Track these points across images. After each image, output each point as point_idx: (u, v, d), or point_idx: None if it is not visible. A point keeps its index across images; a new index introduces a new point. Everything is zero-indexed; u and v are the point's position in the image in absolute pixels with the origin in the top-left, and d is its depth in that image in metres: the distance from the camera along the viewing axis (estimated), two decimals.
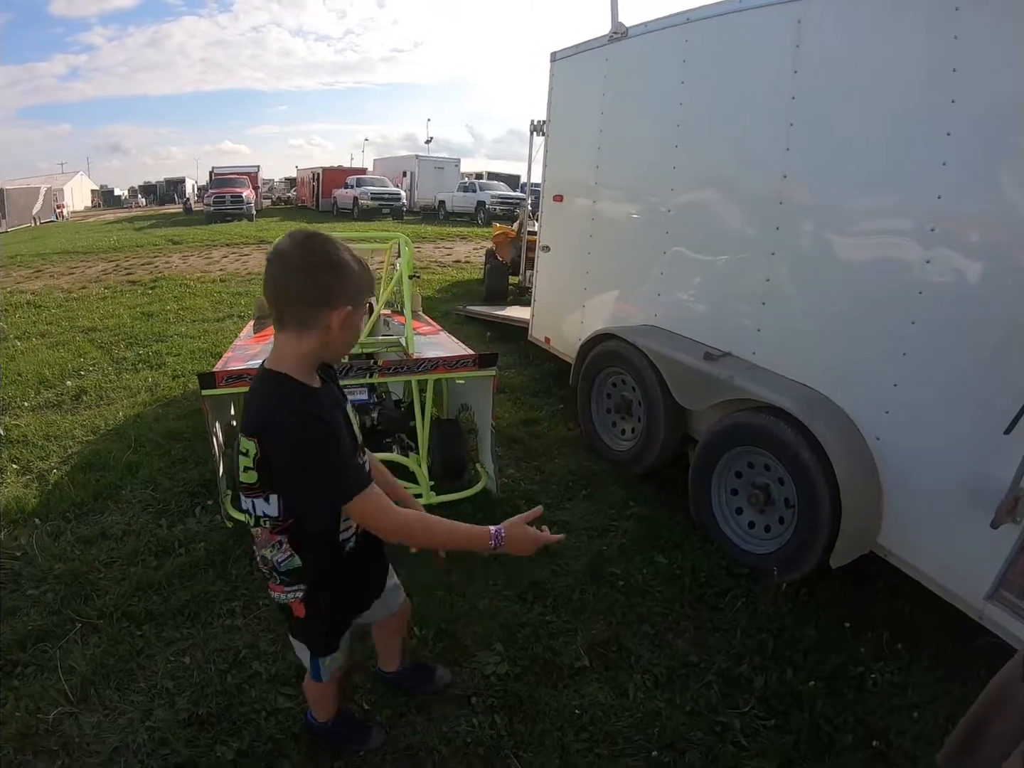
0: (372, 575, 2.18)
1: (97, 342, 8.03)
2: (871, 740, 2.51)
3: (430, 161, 35.57)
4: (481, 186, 29.34)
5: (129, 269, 14.25)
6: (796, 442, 3.27)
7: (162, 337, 8.18)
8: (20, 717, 2.52)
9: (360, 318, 1.81)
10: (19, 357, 7.41)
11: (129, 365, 7.10)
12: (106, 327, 8.73)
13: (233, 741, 2.43)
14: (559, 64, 5.76)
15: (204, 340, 8.03)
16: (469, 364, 3.81)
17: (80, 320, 9.18)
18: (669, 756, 2.41)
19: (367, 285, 1.77)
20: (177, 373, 6.79)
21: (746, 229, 3.93)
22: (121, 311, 9.70)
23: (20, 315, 9.65)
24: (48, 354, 7.47)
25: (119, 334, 8.35)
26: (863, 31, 3.25)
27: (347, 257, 1.69)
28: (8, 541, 3.66)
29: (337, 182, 33.07)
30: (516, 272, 10.35)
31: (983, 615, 2.78)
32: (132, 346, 7.82)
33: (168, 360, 7.22)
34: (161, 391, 6.26)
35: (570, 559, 3.53)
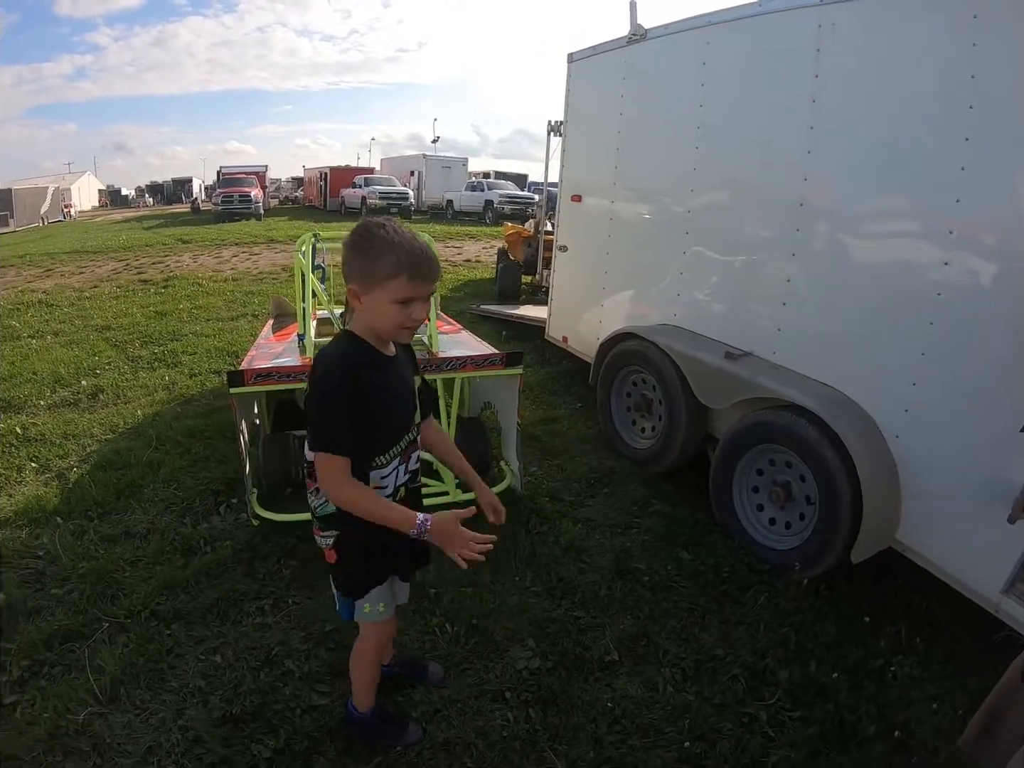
0: (400, 545, 2.16)
1: (111, 341, 8.04)
2: (892, 731, 2.55)
3: (438, 160, 35.62)
4: (489, 185, 29.32)
5: (140, 268, 14.29)
6: (819, 440, 3.32)
7: (177, 336, 8.18)
8: (49, 718, 2.50)
9: (384, 302, 1.83)
10: (33, 355, 7.41)
11: (145, 364, 7.10)
12: (120, 326, 8.75)
13: (269, 739, 2.42)
14: (576, 65, 5.79)
15: (219, 339, 8.04)
16: (496, 363, 3.83)
17: (94, 319, 9.20)
18: (700, 747, 2.45)
19: (389, 270, 1.80)
20: (194, 372, 6.79)
21: (767, 230, 3.98)
22: (134, 310, 9.73)
23: (32, 314, 9.68)
24: (63, 352, 7.48)
25: (134, 333, 8.36)
26: (883, 37, 3.30)
27: (376, 242, 1.81)
28: (30, 540, 3.65)
29: (345, 181, 33.14)
30: (528, 271, 10.43)
31: (999, 609, 2.83)
32: (147, 345, 7.83)
33: (184, 359, 7.23)
34: (179, 390, 6.26)
35: (595, 555, 3.57)
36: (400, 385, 2.07)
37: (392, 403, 2.02)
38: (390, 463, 2.05)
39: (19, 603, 3.10)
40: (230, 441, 4.85)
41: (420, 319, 1.90)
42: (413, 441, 2.14)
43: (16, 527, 3.78)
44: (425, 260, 1.84)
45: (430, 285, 1.88)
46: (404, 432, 2.08)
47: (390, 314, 1.85)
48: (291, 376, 3.56)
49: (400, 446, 2.07)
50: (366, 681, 2.43)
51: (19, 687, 2.65)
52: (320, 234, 4.75)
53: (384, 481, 2.05)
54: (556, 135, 6.67)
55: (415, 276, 1.81)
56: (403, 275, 1.80)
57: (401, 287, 1.81)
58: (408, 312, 1.85)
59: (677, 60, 4.66)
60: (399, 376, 2.06)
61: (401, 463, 2.10)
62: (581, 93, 5.88)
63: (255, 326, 8.55)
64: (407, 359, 2.16)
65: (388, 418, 2.02)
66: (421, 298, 1.87)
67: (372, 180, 31.57)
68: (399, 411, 2.07)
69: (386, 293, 1.82)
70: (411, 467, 2.17)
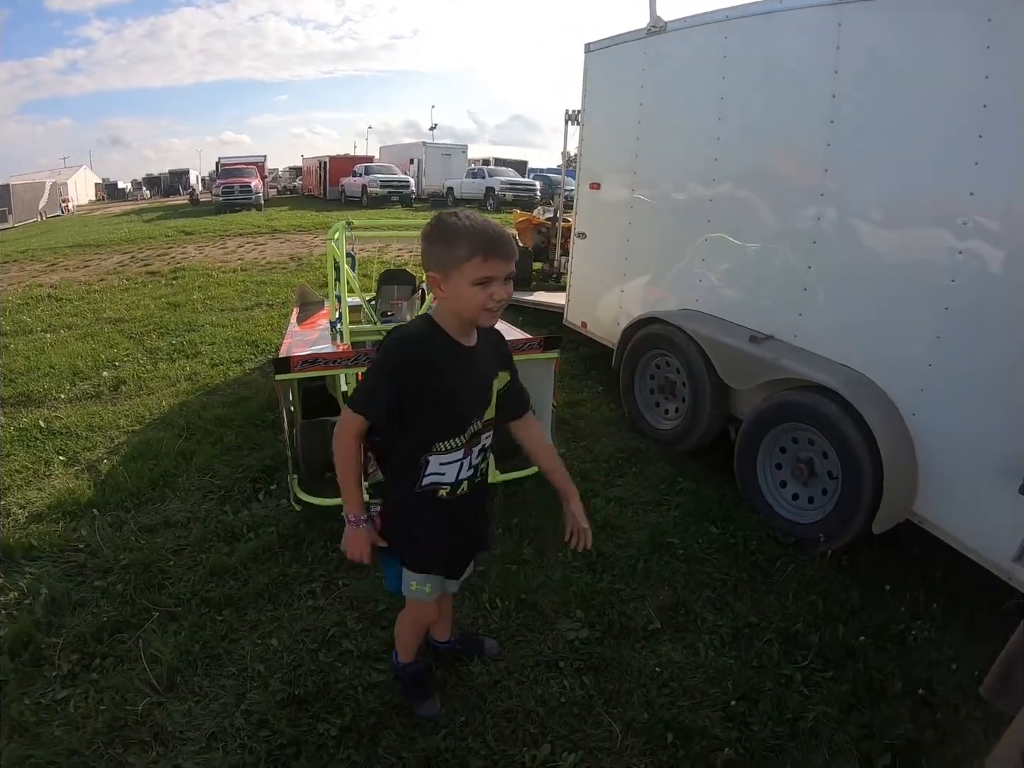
0: (460, 537, 2.29)
1: (127, 333, 8.03)
2: (916, 689, 2.72)
3: (437, 148, 35.45)
4: (490, 172, 29.28)
5: (146, 260, 14.26)
6: (841, 418, 3.47)
7: (193, 327, 8.17)
8: (106, 710, 2.51)
9: (464, 284, 1.90)
10: (49, 349, 7.39)
11: (164, 355, 7.09)
12: (134, 318, 8.74)
13: (335, 718, 2.47)
14: (594, 55, 5.86)
15: (236, 329, 8.04)
16: (534, 347, 3.91)
17: (106, 311, 9.20)
18: (744, 706, 2.59)
19: (464, 252, 1.86)
20: (215, 361, 6.80)
21: (788, 219, 4.09)
22: (147, 302, 9.72)
23: (43, 308, 9.66)
24: (78, 346, 7.46)
25: (148, 324, 8.36)
26: (900, 36, 3.44)
27: (450, 228, 1.90)
28: (67, 533, 3.67)
29: (344, 170, 33.09)
30: (538, 258, 10.51)
31: (1011, 576, 2.98)
32: (164, 336, 7.83)
33: (203, 349, 7.23)
34: (202, 380, 6.27)
35: (630, 531, 3.70)
36: (472, 376, 2.11)
37: (459, 392, 2.07)
38: (452, 451, 2.11)
39: (63, 597, 3.13)
40: (260, 429, 4.95)
41: (502, 299, 1.94)
42: (477, 434, 2.17)
43: (51, 521, 3.81)
44: (499, 239, 1.90)
45: (507, 264, 1.92)
46: (468, 424, 2.12)
47: (471, 296, 1.91)
48: (336, 362, 3.67)
49: (463, 437, 2.11)
50: (405, 640, 2.55)
51: (70, 681, 2.68)
52: (353, 222, 4.81)
53: (444, 468, 2.12)
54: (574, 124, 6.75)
55: (489, 255, 1.87)
56: (478, 255, 1.86)
57: (477, 267, 1.87)
58: (489, 292, 1.90)
59: (697, 53, 4.76)
60: (473, 367, 2.10)
61: (465, 456, 2.15)
62: (599, 83, 5.94)
63: (271, 315, 8.66)
64: (492, 353, 2.20)
65: (452, 406, 2.07)
66: (499, 278, 1.91)
67: (372, 168, 31.48)
68: (465, 401, 2.11)
69: (464, 275, 1.88)
70: (475, 461, 2.20)
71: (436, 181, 32.45)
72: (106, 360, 6.92)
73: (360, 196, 29.63)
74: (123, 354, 7.17)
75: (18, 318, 9.00)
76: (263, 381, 6.15)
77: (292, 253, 14.63)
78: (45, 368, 6.64)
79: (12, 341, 7.90)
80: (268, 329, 7.97)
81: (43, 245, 18.62)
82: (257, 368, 6.66)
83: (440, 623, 2.71)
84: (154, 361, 6.90)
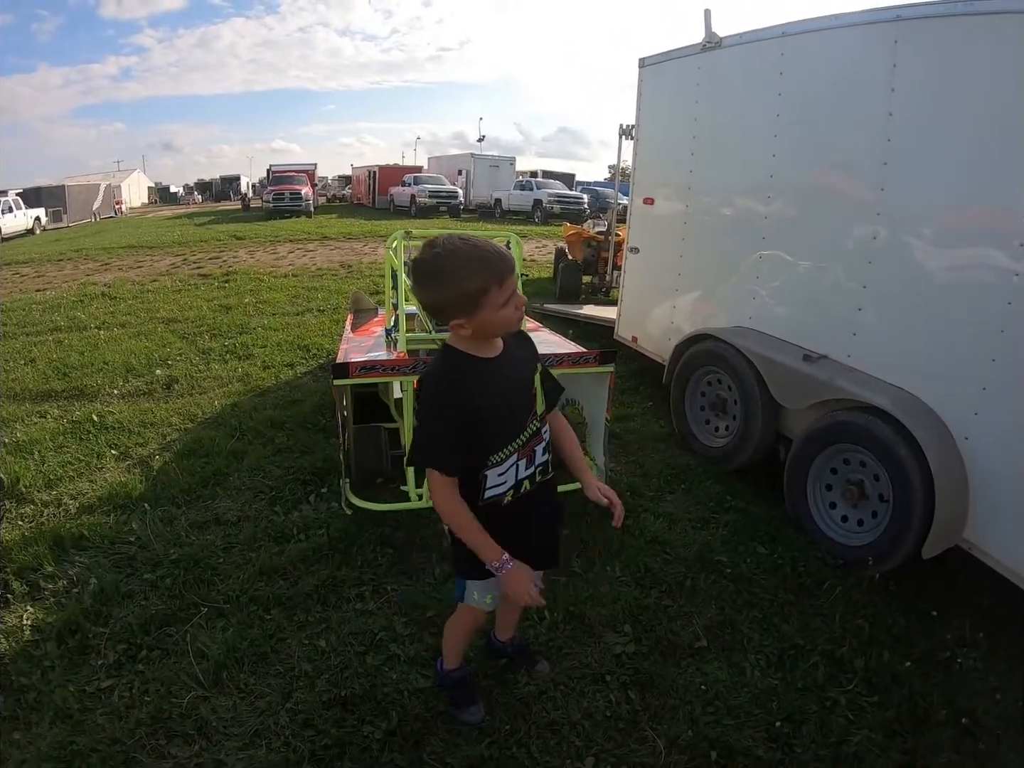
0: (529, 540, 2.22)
1: (179, 333, 8.17)
2: (960, 718, 2.68)
3: (485, 160, 35.77)
4: (538, 184, 29.41)
5: (198, 263, 14.57)
6: (894, 441, 3.43)
7: (245, 329, 8.29)
8: (150, 702, 2.54)
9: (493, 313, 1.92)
10: (103, 346, 7.56)
11: (216, 356, 7.20)
12: (186, 319, 8.89)
13: (380, 721, 2.48)
14: (648, 70, 5.88)
15: (287, 332, 8.12)
16: (591, 361, 3.89)
17: (159, 311, 9.38)
18: (788, 728, 2.57)
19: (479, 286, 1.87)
20: (267, 364, 6.87)
21: (844, 238, 4.06)
22: (200, 303, 9.89)
23: (97, 306, 9.88)
24: (132, 344, 7.62)
25: (201, 326, 8.50)
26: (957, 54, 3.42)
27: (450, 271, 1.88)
28: (119, 526, 3.73)
29: (393, 180, 33.49)
30: (587, 271, 10.54)
31: None
32: (216, 337, 7.95)
33: (255, 351, 7.32)
34: (253, 381, 6.33)
35: (678, 548, 3.68)
36: (511, 381, 2.11)
37: (501, 404, 2.06)
38: (506, 459, 2.09)
39: (112, 588, 3.18)
40: (312, 432, 5.00)
41: (523, 301, 2.01)
42: (536, 434, 2.15)
43: (102, 512, 3.88)
44: (498, 258, 1.90)
45: (513, 273, 1.94)
46: (520, 428, 2.10)
47: (504, 316, 1.95)
48: (394, 369, 3.70)
49: (519, 442, 2.10)
50: (452, 646, 2.56)
51: (115, 671, 2.72)
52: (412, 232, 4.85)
53: (502, 478, 2.11)
54: (628, 138, 6.76)
55: (504, 278, 1.89)
56: (494, 285, 1.88)
57: (497, 295, 1.89)
58: (514, 304, 1.95)
59: (753, 69, 4.76)
60: (509, 372, 2.10)
61: (520, 458, 2.12)
62: (653, 97, 5.95)
63: (321, 321, 8.76)
64: (522, 350, 2.19)
65: (499, 421, 2.06)
66: (515, 287, 1.96)
67: (421, 179, 31.76)
68: (511, 409, 2.10)
69: (490, 307, 1.90)
70: (537, 460, 2.18)
71: (484, 192, 32.67)
72: (159, 358, 7.05)
73: (409, 206, 29.93)
74: (176, 353, 7.30)
75: (73, 314, 9.25)
76: (314, 385, 6.22)
77: (342, 260, 14.84)
78: (99, 364, 6.80)
79: (67, 336, 8.12)
80: (319, 334, 8.05)
81: (97, 245, 19.10)
82: (308, 372, 6.73)
83: (507, 620, 2.75)
84: (206, 361, 7.01)
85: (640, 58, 5.95)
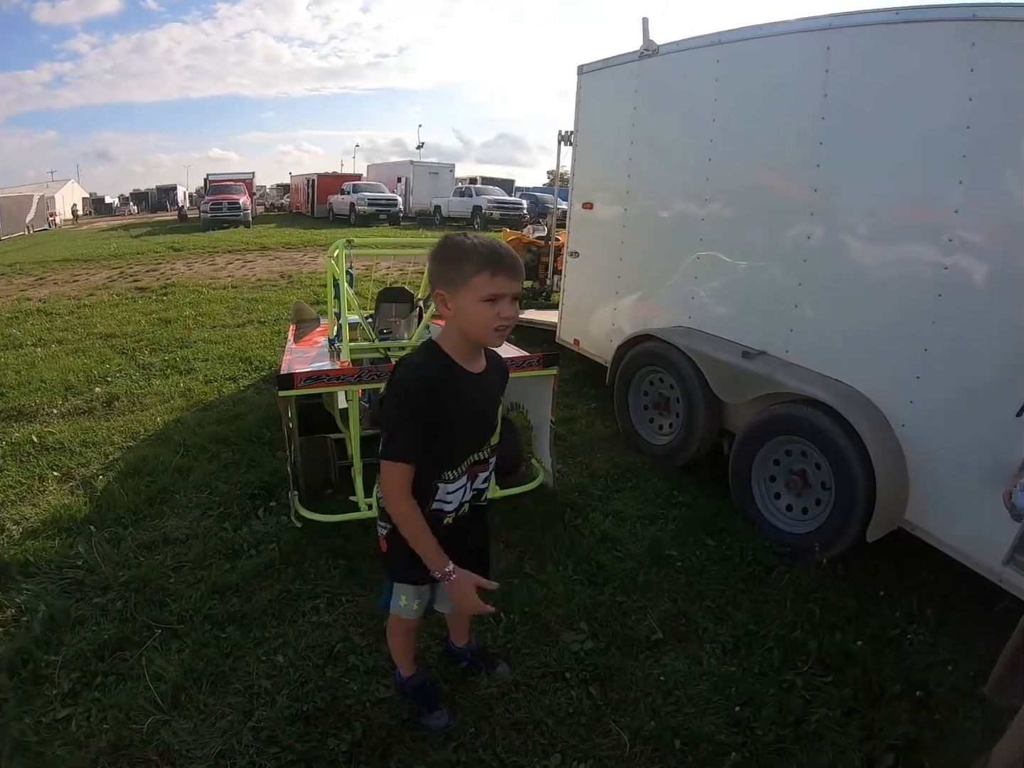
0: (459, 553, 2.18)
1: (118, 348, 7.96)
2: (914, 691, 2.79)
3: (425, 167, 35.67)
4: (477, 191, 29.54)
5: (135, 276, 14.21)
6: (834, 431, 3.57)
7: (185, 343, 8.13)
8: (109, 729, 2.47)
9: (472, 301, 1.90)
10: (40, 364, 7.31)
11: (157, 371, 7.02)
12: (125, 333, 8.67)
13: (344, 733, 2.47)
14: (587, 77, 5.95)
15: (229, 345, 7.98)
16: (534, 364, 3.93)
17: (97, 327, 9.13)
18: (748, 712, 2.65)
19: (472, 268, 1.88)
20: (209, 378, 6.74)
21: (779, 238, 4.19)
22: (138, 317, 9.65)
23: (33, 322, 9.58)
24: (70, 361, 7.40)
25: (140, 340, 8.30)
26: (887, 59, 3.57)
27: (457, 247, 1.92)
28: (64, 549, 3.63)
29: (332, 188, 33.23)
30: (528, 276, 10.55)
31: (1001, 579, 3.10)
32: (156, 352, 7.76)
33: (197, 365, 7.17)
34: (196, 396, 6.20)
35: (629, 544, 3.75)
36: (481, 402, 2.13)
37: (468, 420, 2.08)
38: (458, 479, 2.13)
39: (62, 614, 3.09)
40: (257, 446, 4.94)
41: (509, 317, 1.93)
42: (484, 461, 2.21)
43: (47, 537, 3.77)
44: (508, 257, 1.90)
45: (514, 282, 1.92)
46: (475, 450, 2.15)
47: (479, 314, 1.90)
48: (339, 379, 3.67)
49: (468, 463, 2.14)
50: (398, 653, 2.60)
51: (71, 700, 2.64)
52: (354, 240, 4.83)
53: (450, 497, 2.14)
54: (566, 144, 6.82)
55: (498, 271, 1.87)
56: (485, 271, 1.87)
57: (485, 283, 1.87)
58: (496, 310, 1.89)
59: (690, 75, 4.86)
60: (482, 393, 2.11)
61: (468, 480, 2.18)
62: (592, 104, 6.02)
63: (263, 333, 8.64)
64: (498, 377, 2.23)
65: (461, 435, 2.09)
66: (507, 295, 1.91)
67: (360, 187, 31.66)
68: (474, 428, 2.14)
69: (472, 292, 1.89)
70: (478, 484, 2.24)
71: (424, 199, 32.65)
72: (98, 375, 6.85)
73: (348, 214, 29.78)
74: (115, 369, 7.09)
75: (8, 332, 8.92)
76: (258, 398, 6.13)
77: (282, 270, 14.67)
78: (36, 383, 6.56)
79: (2, 355, 7.81)
80: (261, 346, 7.96)
81: (31, 259, 18.49)
82: (251, 385, 6.64)
83: (459, 627, 2.78)
84: (147, 377, 6.83)
85: (579, 65, 6.01)
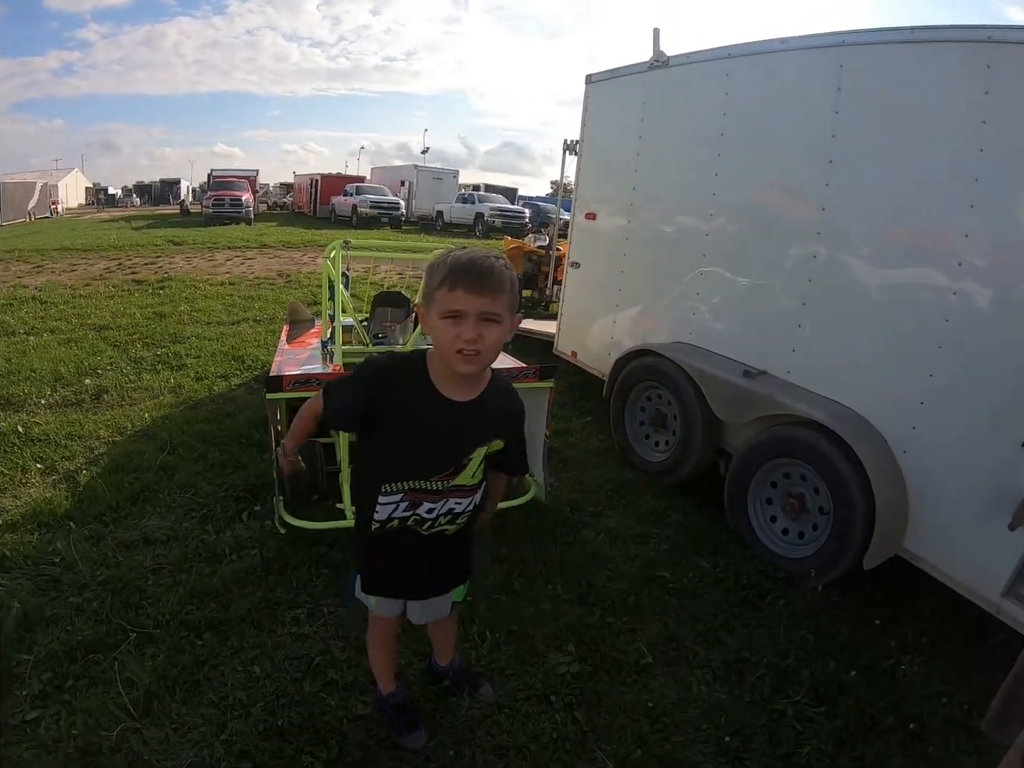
0: (404, 573, 2.22)
1: (111, 340, 7.85)
2: (908, 723, 2.73)
3: (429, 172, 35.77)
4: (480, 198, 29.51)
5: (133, 268, 14.09)
6: (834, 454, 3.51)
7: (179, 338, 8.01)
8: (78, 735, 2.40)
9: (434, 317, 1.79)
10: (31, 352, 7.18)
11: (148, 365, 6.91)
12: (119, 326, 8.57)
13: (320, 751, 2.39)
14: (594, 87, 5.89)
15: (223, 343, 7.88)
16: (530, 376, 3.87)
17: (91, 318, 9.00)
18: (737, 741, 2.58)
19: (435, 281, 1.77)
20: (200, 375, 6.64)
21: (784, 256, 4.14)
22: (133, 310, 9.53)
23: (27, 310, 9.43)
24: (61, 351, 7.27)
25: (134, 333, 8.19)
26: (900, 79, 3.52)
27: (439, 260, 1.81)
28: (43, 545, 3.52)
29: (335, 189, 33.22)
30: (527, 286, 10.52)
31: (1000, 610, 3.04)
32: (149, 346, 7.65)
33: (189, 362, 7.06)
34: (186, 393, 6.10)
35: (620, 563, 3.67)
36: (446, 436, 1.99)
37: (421, 443, 1.98)
38: (391, 495, 2.02)
39: (35, 612, 2.99)
40: (246, 447, 4.83)
41: (469, 339, 1.76)
42: (434, 492, 2.04)
43: (25, 531, 3.65)
44: (473, 271, 1.74)
45: (475, 299, 1.74)
46: (421, 478, 2.01)
47: (439, 332, 1.78)
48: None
49: (410, 485, 2.01)
50: (376, 664, 2.53)
51: (41, 701, 2.55)
52: (351, 241, 4.74)
53: (380, 509, 2.05)
54: (571, 153, 6.77)
55: (457, 284, 1.72)
56: (444, 285, 1.74)
57: (443, 297, 1.75)
58: (457, 331, 1.75)
59: (699, 88, 4.81)
60: (453, 422, 1.96)
61: (404, 500, 2.04)
62: (599, 114, 5.97)
63: (257, 331, 8.54)
64: (495, 418, 2.06)
65: (404, 452, 1.99)
66: (468, 314, 1.75)
67: (363, 189, 31.63)
68: (423, 454, 2.00)
69: (434, 306, 1.78)
70: (419, 511, 2.07)
71: (426, 204, 32.59)
72: (89, 367, 6.74)
73: (350, 216, 29.68)
74: (106, 362, 6.98)
75: (1, 318, 8.81)
76: (249, 398, 6.03)
77: (280, 269, 14.57)
78: (26, 372, 6.44)
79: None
80: (255, 345, 7.86)
81: (30, 246, 18.34)
82: (243, 384, 6.53)
83: (442, 645, 2.69)
84: (138, 371, 6.72)
85: (587, 74, 5.96)
